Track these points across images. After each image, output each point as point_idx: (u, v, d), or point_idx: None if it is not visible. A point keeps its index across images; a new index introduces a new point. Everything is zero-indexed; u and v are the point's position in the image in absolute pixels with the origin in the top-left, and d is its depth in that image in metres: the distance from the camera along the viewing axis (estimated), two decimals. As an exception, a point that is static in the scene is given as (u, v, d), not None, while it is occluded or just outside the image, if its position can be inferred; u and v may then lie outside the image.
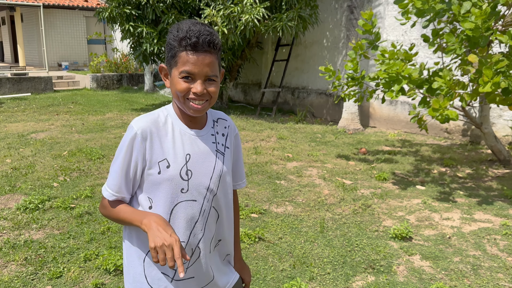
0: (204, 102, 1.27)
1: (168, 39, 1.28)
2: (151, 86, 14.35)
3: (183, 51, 1.22)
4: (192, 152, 1.33)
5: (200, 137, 1.36)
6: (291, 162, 5.64)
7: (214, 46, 1.25)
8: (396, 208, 4.14)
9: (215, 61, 1.26)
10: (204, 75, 1.24)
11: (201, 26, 1.25)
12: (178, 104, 1.30)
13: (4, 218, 3.72)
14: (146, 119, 1.30)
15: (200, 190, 1.34)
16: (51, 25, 17.80)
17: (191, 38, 1.21)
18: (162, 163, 1.28)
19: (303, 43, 9.83)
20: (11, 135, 6.83)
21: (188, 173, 1.31)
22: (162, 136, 1.30)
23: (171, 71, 1.27)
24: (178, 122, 1.34)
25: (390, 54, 4.63)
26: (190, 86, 1.24)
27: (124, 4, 8.93)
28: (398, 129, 8.03)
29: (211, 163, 1.37)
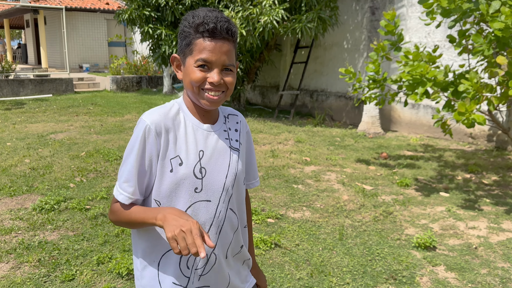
0: (220, 93, 1.19)
1: (182, 26, 1.20)
2: (170, 88, 14.40)
3: (199, 38, 1.14)
4: (206, 149, 1.24)
5: (213, 133, 1.27)
6: (309, 166, 5.52)
7: (232, 34, 1.17)
8: (419, 215, 3.98)
9: (232, 49, 1.19)
10: (221, 63, 1.16)
11: (218, 13, 1.17)
12: (192, 96, 1.22)
13: (20, 218, 3.71)
14: (159, 112, 1.20)
15: (215, 189, 1.24)
16: (73, 28, 18.08)
17: (209, 23, 1.13)
18: (174, 160, 1.19)
19: (323, 45, 9.70)
20: (31, 135, 6.89)
21: (202, 171, 1.21)
22: (175, 131, 1.21)
23: (185, 60, 1.19)
24: (190, 116, 1.25)
25: (414, 56, 4.47)
26: (206, 75, 1.16)
27: (144, 6, 8.96)
28: (420, 134, 7.82)
29: (226, 160, 1.28)
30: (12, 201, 4.12)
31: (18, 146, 6.09)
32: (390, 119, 8.36)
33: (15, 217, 3.73)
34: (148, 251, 1.24)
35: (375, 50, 5.06)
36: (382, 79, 5.07)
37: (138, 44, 17.27)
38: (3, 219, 3.69)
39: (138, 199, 1.21)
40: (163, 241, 1.22)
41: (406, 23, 7.85)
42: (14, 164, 5.23)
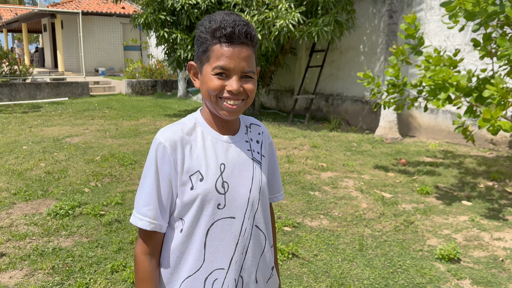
0: (240, 102, 1.12)
1: (198, 32, 1.13)
2: (185, 92, 14.42)
3: (216, 44, 1.08)
4: (227, 162, 1.16)
5: (234, 144, 1.19)
6: (326, 172, 5.41)
7: (252, 38, 1.10)
8: (441, 225, 3.84)
9: (252, 55, 1.11)
10: (240, 70, 1.09)
11: (236, 16, 1.10)
12: (210, 106, 1.15)
13: (34, 223, 3.69)
14: (173, 129, 1.14)
15: (239, 204, 1.16)
16: (89, 32, 18.27)
17: (226, 28, 1.07)
18: (194, 176, 1.11)
19: (339, 49, 9.58)
20: (47, 139, 6.92)
21: (225, 185, 1.14)
22: (192, 146, 1.14)
23: (202, 68, 1.13)
24: (208, 128, 1.18)
25: (435, 60, 4.34)
26: (225, 83, 1.09)
27: (159, 10, 8.97)
28: (440, 139, 7.64)
29: (249, 173, 1.19)
30: (27, 206, 4.11)
31: (34, 150, 6.11)
32: (408, 124, 8.20)
33: (30, 222, 3.70)
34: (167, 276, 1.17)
35: (394, 54, 4.94)
36: (402, 83, 4.94)
37: (153, 48, 17.37)
38: (18, 224, 3.67)
39: (161, 226, 1.13)
40: (185, 266, 1.14)
41: (424, 27, 7.70)
42: (30, 168, 5.23)
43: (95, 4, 18.97)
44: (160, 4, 8.96)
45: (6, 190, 4.48)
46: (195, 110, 5.92)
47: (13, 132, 7.51)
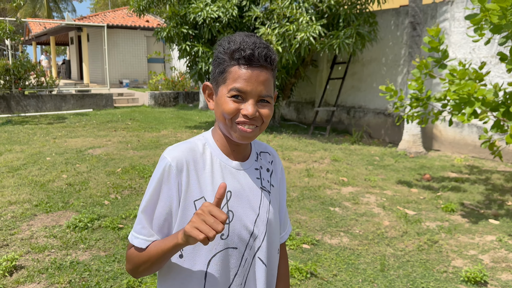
0: (254, 127, 1.07)
1: (216, 53, 1.10)
2: (205, 104, 14.52)
3: (234, 65, 1.05)
4: (234, 189, 1.11)
5: (243, 171, 1.14)
6: (346, 187, 5.31)
7: (271, 62, 1.06)
8: (467, 245, 3.69)
9: (271, 79, 1.08)
10: (257, 94, 1.05)
11: (256, 38, 1.07)
12: (223, 129, 1.11)
13: (54, 236, 3.71)
14: (181, 148, 1.10)
15: (242, 235, 1.11)
16: (114, 45, 18.68)
17: (245, 50, 1.03)
18: (198, 202, 1.07)
19: (361, 61, 9.48)
20: (70, 150, 7.03)
21: (229, 214, 1.09)
22: (200, 169, 1.09)
23: (218, 89, 1.09)
24: (218, 152, 1.13)
25: (460, 74, 4.22)
26: (240, 107, 1.05)
27: (182, 24, 9.08)
28: (465, 154, 7.42)
29: (256, 202, 1.14)
30: (47, 218, 4.15)
31: (57, 161, 6.21)
32: (432, 138, 8.01)
33: (50, 234, 3.73)
34: None
35: (417, 67, 4.83)
36: (426, 97, 4.82)
37: (176, 61, 17.61)
38: (38, 236, 3.70)
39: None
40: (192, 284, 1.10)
41: (449, 39, 7.55)
42: (52, 180, 5.31)
43: (120, 17, 19.42)
44: (182, 18, 9.08)
45: (28, 202, 4.55)
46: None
47: (38, 143, 7.67)
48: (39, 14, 33.52)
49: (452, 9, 7.53)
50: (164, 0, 9.43)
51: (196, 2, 8.64)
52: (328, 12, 7.98)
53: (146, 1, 9.34)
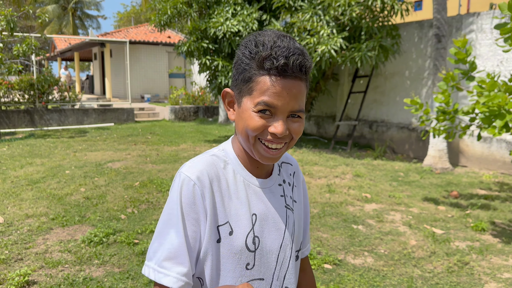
0: (282, 146, 0.93)
1: (240, 54, 0.95)
2: (225, 118, 14.51)
3: (263, 75, 0.89)
4: (259, 211, 0.97)
5: (267, 190, 1.00)
6: (370, 203, 5.10)
7: (306, 71, 0.91)
8: (501, 267, 3.44)
9: (304, 90, 0.92)
10: (289, 109, 0.90)
11: (290, 41, 0.90)
12: (245, 146, 0.96)
13: (68, 250, 3.64)
14: (202, 163, 0.95)
15: (268, 263, 0.96)
16: (137, 60, 18.96)
17: (278, 58, 0.87)
18: (223, 228, 0.93)
19: (383, 74, 9.30)
20: (89, 163, 7.03)
21: (255, 240, 0.95)
22: (223, 188, 0.95)
23: (241, 100, 0.94)
24: (240, 168, 0.99)
25: (490, 85, 4.02)
26: (268, 123, 0.90)
27: (202, 38, 9.11)
28: (494, 170, 7.11)
29: (281, 224, 1.00)
30: (63, 232, 4.09)
31: (75, 174, 6.20)
32: (459, 153, 7.72)
33: (64, 249, 3.66)
34: None
35: (444, 79, 4.64)
36: (453, 110, 4.62)
37: (196, 75, 17.73)
38: (53, 251, 3.63)
39: (190, 283, 0.91)
40: None
41: (475, 51, 7.32)
42: (70, 193, 5.28)
43: (142, 34, 19.74)
44: (203, 33, 9.11)
45: (45, 215, 4.51)
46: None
47: (58, 156, 7.72)
48: (65, 31, 34.50)
49: (479, 20, 7.32)
50: (185, 15, 9.49)
51: (216, 17, 8.66)
52: (350, 24, 7.87)
53: (167, 16, 9.42)
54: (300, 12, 7.91)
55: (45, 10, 31.62)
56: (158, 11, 9.58)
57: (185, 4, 9.29)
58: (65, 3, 34.99)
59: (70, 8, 34.67)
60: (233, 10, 8.69)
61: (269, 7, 8.93)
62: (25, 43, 10.24)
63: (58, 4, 34.28)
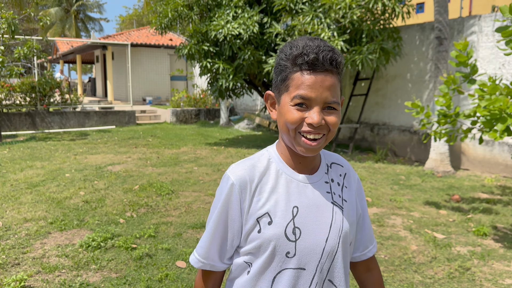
0: (320, 137, 1.00)
1: (278, 59, 1.05)
2: (227, 121, 14.49)
3: (297, 72, 0.99)
4: (301, 204, 1.03)
5: (311, 185, 1.06)
6: (371, 207, 5.06)
7: (337, 65, 0.99)
8: (503, 273, 3.40)
9: (337, 83, 1.01)
10: (323, 101, 0.98)
11: (320, 41, 1.00)
12: (287, 140, 1.05)
13: (66, 255, 3.61)
14: (244, 166, 1.06)
15: (311, 254, 1.02)
16: (138, 63, 18.98)
17: (309, 54, 0.97)
18: (262, 219, 1.03)
19: (384, 77, 9.26)
20: (90, 166, 7.02)
21: (296, 231, 1.01)
22: (263, 184, 1.05)
23: (280, 98, 1.04)
24: (283, 165, 1.07)
25: (491, 89, 3.98)
26: (304, 115, 0.99)
27: (203, 41, 9.10)
28: (496, 173, 7.05)
29: (327, 218, 1.05)
30: (61, 236, 4.06)
31: (75, 178, 6.19)
32: (460, 157, 7.67)
33: (62, 254, 3.63)
34: None
35: (445, 82, 4.61)
36: (454, 113, 4.58)
37: (197, 78, 17.73)
38: (50, 256, 3.61)
39: (215, 265, 1.10)
40: None
41: (477, 53, 7.28)
42: (69, 196, 5.26)
43: (144, 36, 19.76)
44: (204, 35, 9.10)
45: (43, 219, 4.48)
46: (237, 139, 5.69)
47: (58, 159, 7.71)
48: (68, 34, 34.61)
49: (480, 23, 7.28)
50: (185, 17, 9.49)
51: (217, 20, 8.65)
52: (351, 27, 7.84)
53: (168, 19, 9.41)
54: (301, 15, 7.89)
55: (47, 13, 31.73)
56: (159, 14, 9.58)
57: (186, 7, 9.29)
58: (68, 6, 35.11)
59: (73, 11, 34.78)
60: (234, 13, 8.68)
61: (270, 10, 8.91)
62: (27, 46, 10.25)
63: (61, 7, 34.39)
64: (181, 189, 5.63)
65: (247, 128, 13.41)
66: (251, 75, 9.56)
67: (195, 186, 5.83)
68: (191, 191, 5.59)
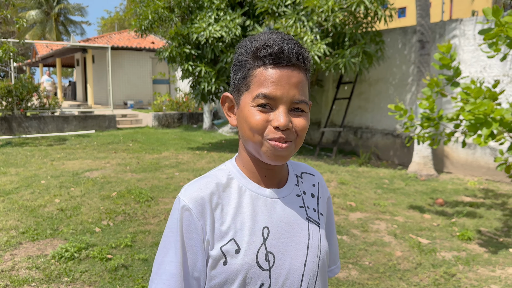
0: (289, 143, 0.85)
1: (236, 56, 0.91)
2: (210, 125, 14.33)
3: (259, 66, 0.85)
4: (271, 224, 0.87)
5: (280, 200, 0.90)
6: (355, 212, 4.98)
7: (304, 60, 0.86)
8: (488, 279, 3.34)
9: (305, 81, 0.87)
10: (289, 100, 0.84)
11: (284, 35, 0.87)
12: (251, 148, 0.88)
13: (37, 267, 3.42)
14: (199, 185, 0.89)
15: (289, 283, 0.86)
16: (120, 66, 18.68)
17: (272, 46, 0.84)
18: (227, 247, 0.85)
19: (367, 80, 9.25)
20: (67, 173, 6.79)
21: (269, 257, 0.85)
22: (224, 206, 0.88)
23: (240, 99, 0.89)
24: (246, 181, 0.90)
25: (475, 92, 3.95)
26: (269, 118, 0.84)
27: (184, 44, 8.95)
28: (478, 176, 7.07)
29: (303, 238, 0.90)
30: (33, 246, 3.87)
31: (51, 185, 5.96)
32: (443, 160, 7.68)
33: (32, 265, 3.44)
34: None
35: (428, 85, 4.57)
36: (438, 116, 4.54)
37: (180, 82, 17.54)
38: (19, 268, 3.42)
39: None
40: None
41: (458, 57, 7.30)
42: (43, 204, 5.05)
43: (125, 39, 19.49)
44: (185, 38, 8.95)
45: (15, 229, 4.28)
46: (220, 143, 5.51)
47: (34, 165, 7.45)
48: (48, 37, 33.98)
49: (461, 26, 7.31)
50: (167, 20, 9.32)
51: (199, 22, 8.52)
52: (333, 31, 7.80)
53: (148, 21, 9.24)
54: (284, 18, 7.82)
55: (26, 15, 31.11)
56: (139, 16, 9.40)
57: (166, 9, 9.13)
58: (48, 8, 34.49)
59: (54, 13, 34.18)
60: (215, 15, 8.56)
61: (253, 13, 8.83)
62: (2, 49, 9.95)
63: (41, 9, 33.76)
64: (161, 196, 5.47)
65: (230, 132, 13.28)
66: (233, 79, 9.43)
67: (176, 192, 5.67)
68: (171, 197, 5.43)
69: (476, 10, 16.93)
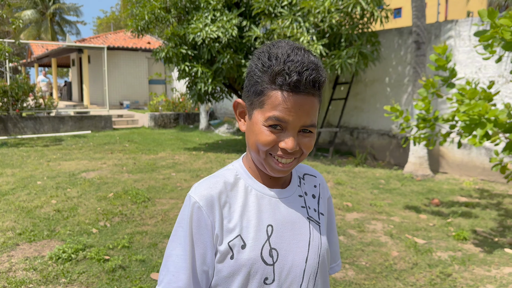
0: (292, 161, 0.93)
1: (253, 66, 0.93)
2: (206, 125, 14.33)
3: (276, 89, 0.88)
4: (276, 222, 0.94)
5: (284, 200, 0.97)
6: (351, 212, 5.01)
7: (319, 87, 0.90)
8: (483, 279, 3.37)
9: (316, 105, 0.92)
10: (300, 125, 0.89)
11: (304, 55, 0.88)
12: (255, 159, 0.96)
13: (34, 268, 3.42)
14: (209, 184, 0.95)
15: (292, 278, 0.92)
16: (116, 66, 18.63)
17: (291, 74, 0.85)
18: (234, 243, 0.91)
19: (363, 81, 9.29)
20: (63, 173, 6.78)
21: (273, 253, 0.92)
22: (231, 204, 0.94)
23: (252, 112, 0.93)
24: (252, 181, 0.98)
25: (470, 93, 3.98)
26: (279, 138, 0.90)
27: (181, 44, 8.95)
28: (474, 176, 7.12)
29: (304, 236, 0.96)
30: (30, 248, 3.86)
31: (47, 185, 5.95)
32: (439, 160, 7.72)
33: (30, 267, 3.44)
34: None
35: (424, 86, 4.60)
36: (433, 117, 4.57)
37: (176, 82, 17.52)
38: (17, 269, 3.41)
39: None
40: None
41: (454, 58, 7.35)
42: (40, 205, 5.04)
43: (121, 39, 19.44)
44: (182, 39, 8.95)
45: (11, 230, 4.27)
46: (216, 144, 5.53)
47: (30, 166, 7.43)
48: (44, 37, 33.83)
49: (457, 27, 7.36)
50: (163, 20, 9.32)
51: (195, 23, 8.52)
52: (330, 31, 7.82)
53: (145, 21, 9.23)
54: (280, 18, 7.84)
55: (22, 15, 30.97)
56: (135, 17, 9.39)
57: (163, 9, 9.13)
58: (44, 8, 34.35)
59: (49, 13, 34.04)
60: (212, 16, 8.56)
61: (249, 14, 8.84)
62: (-3, 49, 9.91)
63: (36, 9, 33.61)
64: (158, 196, 5.47)
65: (227, 132, 13.28)
66: (230, 79, 9.45)
67: (173, 193, 5.67)
68: (168, 198, 5.43)
69: (471, 11, 17.02)
